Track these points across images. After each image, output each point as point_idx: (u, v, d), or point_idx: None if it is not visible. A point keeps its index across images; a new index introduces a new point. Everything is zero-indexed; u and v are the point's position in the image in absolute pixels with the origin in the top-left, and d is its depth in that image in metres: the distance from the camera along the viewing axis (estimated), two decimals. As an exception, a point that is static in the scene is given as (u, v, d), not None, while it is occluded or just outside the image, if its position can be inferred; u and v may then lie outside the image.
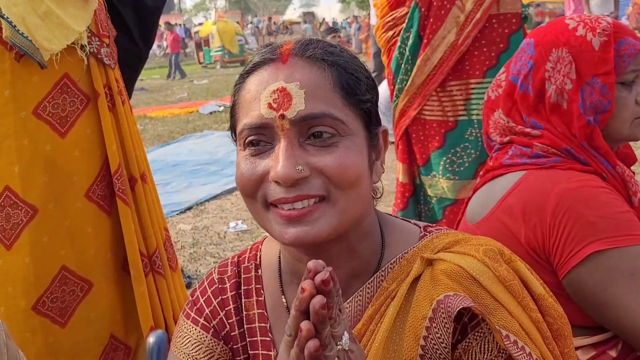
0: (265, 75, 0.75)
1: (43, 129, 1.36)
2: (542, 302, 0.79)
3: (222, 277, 0.93)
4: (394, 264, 0.82)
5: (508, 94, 1.26)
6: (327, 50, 0.77)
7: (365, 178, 0.77)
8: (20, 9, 1.25)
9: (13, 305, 1.38)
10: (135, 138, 1.57)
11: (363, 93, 0.78)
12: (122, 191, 1.48)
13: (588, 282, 1.06)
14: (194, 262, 3.44)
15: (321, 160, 0.73)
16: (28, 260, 1.37)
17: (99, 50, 1.44)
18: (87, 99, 1.43)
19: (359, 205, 0.77)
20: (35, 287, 1.39)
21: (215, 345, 0.89)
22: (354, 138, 0.75)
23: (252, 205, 0.78)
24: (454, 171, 2.16)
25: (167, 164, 6.25)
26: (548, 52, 1.19)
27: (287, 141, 0.73)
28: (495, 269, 0.77)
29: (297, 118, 0.72)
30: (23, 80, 1.32)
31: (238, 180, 0.77)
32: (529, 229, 1.12)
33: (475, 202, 1.32)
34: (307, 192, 0.73)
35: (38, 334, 1.41)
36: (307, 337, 0.58)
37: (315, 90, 0.73)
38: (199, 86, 14.10)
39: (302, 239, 0.73)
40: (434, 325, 0.74)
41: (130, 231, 1.50)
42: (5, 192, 1.34)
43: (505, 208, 1.18)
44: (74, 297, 1.45)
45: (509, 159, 1.24)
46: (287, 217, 0.73)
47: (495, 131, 1.31)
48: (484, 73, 2.06)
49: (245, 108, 0.77)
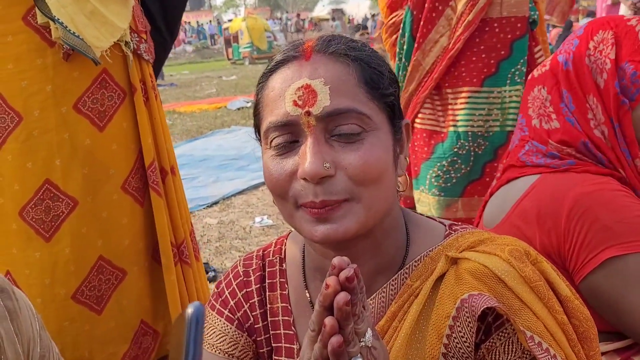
0: (289, 73, 0.76)
1: (83, 123, 1.41)
2: (568, 304, 0.78)
3: (247, 270, 0.94)
4: (418, 262, 0.82)
5: (552, 71, 1.25)
6: (349, 45, 0.77)
7: (390, 173, 0.77)
8: (69, 9, 1.29)
9: (51, 295, 1.43)
10: (166, 132, 1.62)
11: (386, 87, 0.78)
12: (156, 183, 1.52)
13: (604, 288, 1.04)
14: (220, 255, 3.49)
15: (346, 158, 0.73)
16: (68, 251, 1.42)
17: (138, 46, 1.49)
18: (124, 93, 1.48)
19: (384, 200, 0.77)
20: (75, 276, 1.44)
21: (239, 336, 0.91)
22: (378, 133, 0.76)
23: (283, 205, 0.78)
24: (439, 187, 1.99)
25: (195, 158, 6.32)
26: (595, 33, 1.18)
27: (314, 138, 0.73)
28: (521, 270, 0.76)
29: (323, 114, 0.73)
30: (64, 75, 1.36)
31: (268, 181, 0.78)
32: (544, 233, 1.11)
33: (491, 206, 1.31)
34: (331, 197, 0.73)
35: (76, 321, 1.46)
36: (330, 333, 0.58)
37: (340, 85, 0.74)
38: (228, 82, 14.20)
39: (331, 237, 0.74)
40: (457, 324, 0.74)
41: (162, 222, 1.54)
42: (46, 184, 1.39)
43: (520, 213, 1.17)
44: (109, 286, 1.50)
45: (524, 154, 1.23)
46: (316, 215, 0.74)
47: (532, 107, 1.28)
48: (482, 81, 1.89)
49: (269, 106, 0.77)
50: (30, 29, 1.33)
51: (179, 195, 1.64)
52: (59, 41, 1.32)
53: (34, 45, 1.33)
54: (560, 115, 1.20)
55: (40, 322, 0.94)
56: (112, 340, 1.53)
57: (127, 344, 1.55)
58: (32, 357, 0.89)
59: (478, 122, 1.88)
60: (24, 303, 0.91)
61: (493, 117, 1.88)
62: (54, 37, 1.32)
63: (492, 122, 1.88)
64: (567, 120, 1.19)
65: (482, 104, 1.88)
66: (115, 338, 1.53)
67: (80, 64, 1.37)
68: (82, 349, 1.48)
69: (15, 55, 1.32)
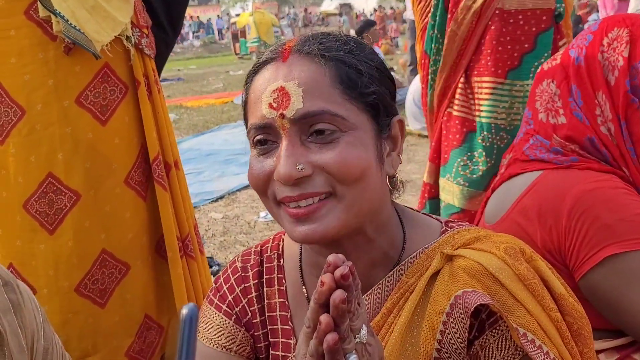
0: (266, 75, 0.77)
1: (85, 117, 1.41)
2: (562, 302, 0.79)
3: (245, 266, 0.95)
4: (414, 258, 0.83)
5: (563, 66, 1.24)
6: (325, 45, 0.77)
7: (373, 172, 0.77)
8: (70, 3, 1.30)
9: (55, 287, 1.44)
10: (169, 126, 1.62)
11: (365, 85, 0.77)
12: (161, 177, 1.53)
13: (604, 286, 1.04)
14: (224, 250, 3.51)
15: (322, 157, 0.73)
16: (72, 244, 1.43)
17: (140, 41, 1.49)
18: (126, 87, 1.48)
19: (368, 200, 0.77)
20: (77, 269, 1.45)
21: (237, 331, 0.91)
22: (356, 133, 0.75)
23: (266, 202, 0.80)
24: (465, 177, 1.94)
25: (201, 153, 6.34)
26: (609, 29, 1.18)
27: (288, 140, 0.74)
28: (515, 267, 0.76)
29: (296, 117, 0.73)
30: (65, 70, 1.37)
31: (249, 179, 0.79)
32: (545, 230, 1.11)
33: (492, 203, 1.31)
34: (311, 190, 0.74)
35: (80, 314, 1.47)
36: (326, 330, 0.59)
37: (313, 87, 0.74)
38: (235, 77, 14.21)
39: (310, 237, 0.74)
40: (451, 320, 0.75)
41: (168, 216, 1.55)
42: (49, 178, 1.40)
43: (521, 209, 1.17)
44: (113, 279, 1.51)
45: (529, 148, 1.23)
46: (294, 216, 0.75)
47: (539, 100, 1.27)
48: (506, 74, 1.84)
49: (251, 108, 0.79)
50: (32, 23, 1.33)
51: (183, 189, 1.64)
52: (60, 35, 1.33)
53: (36, 39, 1.33)
54: (567, 111, 1.19)
55: (44, 315, 0.95)
56: (116, 334, 1.54)
57: (132, 338, 1.56)
58: (36, 350, 0.89)
59: (501, 115, 1.85)
60: (28, 296, 0.91)
61: (515, 111, 1.85)
62: (55, 30, 1.32)
63: (514, 115, 1.86)
64: (574, 115, 1.18)
65: (505, 96, 1.86)
66: (119, 332, 1.54)
67: (81, 58, 1.37)
68: (86, 342, 1.50)
69: (17, 49, 1.33)
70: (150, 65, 1.54)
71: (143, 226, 1.55)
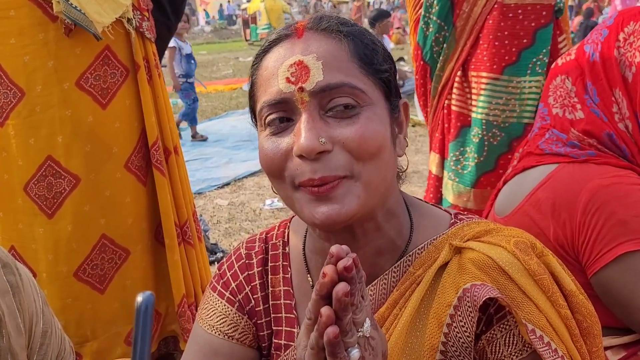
0: (281, 51, 0.75)
1: (85, 100, 1.40)
2: (572, 299, 0.77)
3: (250, 253, 0.93)
4: (421, 250, 0.81)
5: (578, 62, 1.21)
6: (341, 22, 0.77)
7: (388, 149, 0.76)
8: None
9: (55, 271, 1.44)
10: (169, 111, 1.61)
11: (380, 62, 0.77)
12: (159, 162, 1.52)
13: (617, 283, 1.02)
14: (229, 237, 3.51)
15: (342, 132, 0.72)
16: (70, 229, 1.42)
17: (140, 24, 1.47)
18: (127, 71, 1.46)
19: (382, 178, 0.76)
20: (76, 254, 1.44)
21: (239, 319, 0.90)
22: (374, 108, 0.74)
23: (281, 187, 0.77)
24: (456, 172, 1.93)
25: (209, 139, 6.34)
26: (625, 24, 1.14)
27: (308, 114, 0.72)
28: (525, 262, 0.75)
29: (316, 89, 0.71)
30: (66, 51, 1.35)
31: (262, 161, 0.77)
32: (558, 225, 1.09)
33: (504, 195, 1.28)
34: (330, 172, 0.71)
35: (79, 299, 1.47)
36: (327, 323, 0.57)
37: (333, 60, 0.73)
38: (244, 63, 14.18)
39: (332, 218, 0.72)
40: (458, 313, 0.73)
41: (166, 201, 1.54)
42: (48, 161, 1.39)
43: (534, 202, 1.15)
44: (112, 265, 1.50)
45: (544, 142, 1.20)
46: (315, 193, 0.72)
47: (553, 95, 1.24)
48: (502, 69, 1.80)
49: (263, 86, 0.76)
50: (32, 3, 1.31)
51: (182, 175, 1.63)
52: (60, 15, 1.31)
53: (36, 19, 1.32)
54: (585, 107, 1.17)
55: (44, 298, 0.94)
56: (116, 321, 1.54)
57: (131, 325, 1.56)
58: (34, 332, 0.89)
59: (494, 112, 1.82)
60: (27, 279, 0.91)
61: (510, 108, 1.82)
62: (56, 10, 1.30)
63: (509, 112, 1.82)
64: (592, 112, 1.16)
65: (500, 92, 1.83)
66: (119, 318, 1.54)
67: (82, 40, 1.35)
68: (84, 328, 1.49)
69: (17, 29, 1.31)
70: (151, 49, 1.52)
71: (143, 211, 1.54)
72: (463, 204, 1.86)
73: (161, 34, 1.59)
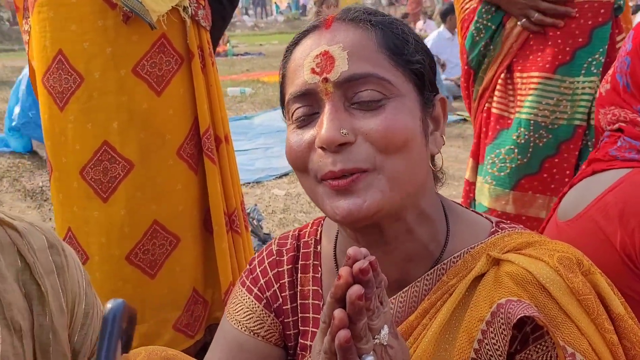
0: (308, 43, 0.74)
1: (141, 87, 1.43)
2: (620, 323, 0.71)
3: (281, 250, 0.92)
4: (457, 258, 0.77)
5: (615, 90, 1.15)
6: (370, 12, 0.75)
7: (417, 144, 0.72)
8: None
9: (107, 254, 1.48)
10: (221, 100, 1.62)
11: (412, 53, 0.73)
12: (210, 150, 1.53)
13: None
14: (282, 227, 3.53)
15: (367, 124, 0.69)
16: (124, 213, 1.46)
17: (196, 12, 1.48)
18: (181, 59, 1.48)
19: (410, 174, 0.72)
20: (129, 238, 1.48)
21: (266, 316, 0.89)
22: (403, 99, 0.71)
23: (305, 180, 0.75)
24: (493, 175, 1.84)
25: (272, 128, 6.39)
26: None
27: (332, 105, 0.70)
28: (568, 279, 0.69)
29: (341, 80, 0.69)
30: (123, 38, 1.39)
31: (287, 155, 0.76)
32: (626, 233, 1.01)
33: (569, 198, 1.21)
34: (350, 164, 0.69)
35: (129, 282, 1.51)
36: (339, 327, 0.55)
37: (359, 50, 0.71)
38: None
39: (354, 213, 0.69)
40: (490, 329, 0.69)
41: (216, 190, 1.55)
42: (104, 146, 1.43)
43: (601, 207, 1.07)
44: (163, 251, 1.53)
45: (616, 149, 1.12)
46: (335, 187, 0.70)
47: (604, 119, 1.18)
48: (555, 69, 1.70)
49: (291, 78, 0.75)
50: None
51: (232, 164, 1.64)
52: (119, 3, 1.34)
53: (97, 6, 1.36)
54: None
55: (88, 280, 0.96)
56: (164, 306, 1.57)
57: (180, 311, 1.59)
58: (77, 313, 0.91)
59: (543, 112, 1.73)
60: (73, 260, 0.93)
61: (561, 109, 1.71)
62: None
63: (559, 113, 1.72)
64: None
65: (551, 92, 1.73)
66: (167, 304, 1.57)
67: (139, 28, 1.38)
68: (134, 312, 1.53)
69: (78, 16, 1.36)
70: (205, 37, 1.54)
71: (193, 199, 1.56)
72: (501, 207, 1.78)
73: (216, 22, 1.60)
